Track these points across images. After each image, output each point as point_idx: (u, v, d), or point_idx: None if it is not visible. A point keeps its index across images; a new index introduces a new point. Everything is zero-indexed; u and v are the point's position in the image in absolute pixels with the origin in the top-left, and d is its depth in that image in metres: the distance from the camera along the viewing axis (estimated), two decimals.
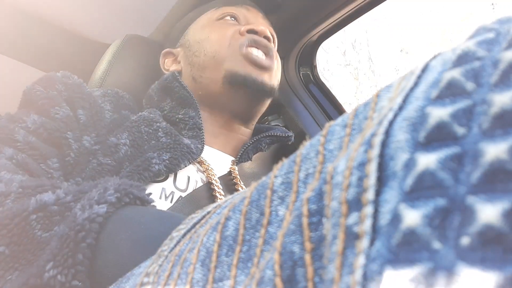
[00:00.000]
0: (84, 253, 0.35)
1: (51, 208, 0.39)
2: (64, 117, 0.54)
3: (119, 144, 0.55)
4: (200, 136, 0.63)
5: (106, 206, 0.38)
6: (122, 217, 0.38)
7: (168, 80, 0.68)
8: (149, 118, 0.62)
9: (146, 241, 0.36)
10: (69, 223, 0.37)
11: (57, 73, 0.60)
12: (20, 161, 0.48)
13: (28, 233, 0.38)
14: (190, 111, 0.65)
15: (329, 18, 0.86)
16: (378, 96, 0.20)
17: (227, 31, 0.70)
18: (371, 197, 0.15)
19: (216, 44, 0.69)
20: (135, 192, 0.41)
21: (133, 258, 0.34)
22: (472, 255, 0.12)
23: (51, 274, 0.34)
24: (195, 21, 0.78)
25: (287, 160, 0.22)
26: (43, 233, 0.38)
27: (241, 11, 0.76)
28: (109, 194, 0.39)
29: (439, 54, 0.19)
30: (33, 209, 0.39)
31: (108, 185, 0.40)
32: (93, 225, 0.36)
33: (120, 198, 0.40)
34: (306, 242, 0.17)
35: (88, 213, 0.37)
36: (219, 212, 0.25)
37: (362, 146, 0.17)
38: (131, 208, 0.40)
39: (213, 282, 0.21)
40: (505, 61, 0.15)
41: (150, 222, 0.37)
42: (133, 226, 0.37)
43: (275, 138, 0.72)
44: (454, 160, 0.14)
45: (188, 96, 0.66)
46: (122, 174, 0.52)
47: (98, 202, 0.38)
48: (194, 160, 0.59)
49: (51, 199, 0.40)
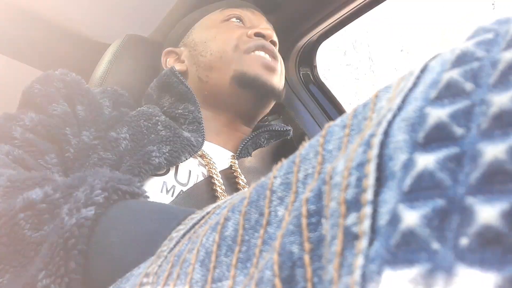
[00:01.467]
0: (76, 260, 0.34)
1: (40, 206, 0.38)
2: (62, 113, 0.55)
3: (119, 139, 0.55)
4: (200, 130, 0.63)
5: (94, 208, 0.36)
6: (111, 218, 0.37)
7: (167, 75, 0.68)
8: (148, 112, 0.62)
9: (137, 240, 0.35)
10: (57, 229, 0.36)
11: (55, 71, 0.60)
12: (17, 157, 0.48)
13: (18, 233, 0.37)
14: (190, 105, 0.65)
15: (329, 18, 0.86)
16: (377, 96, 0.20)
17: (234, 32, 0.70)
18: (370, 198, 0.15)
19: (223, 44, 0.69)
20: (124, 188, 0.40)
21: (125, 260, 0.34)
22: (471, 255, 0.12)
23: (44, 283, 0.33)
24: (199, 21, 0.78)
25: (286, 161, 0.22)
26: (33, 232, 0.37)
27: (247, 14, 0.76)
28: (96, 194, 0.37)
29: (438, 55, 0.19)
30: (20, 208, 0.37)
31: (95, 183, 0.39)
32: (82, 230, 0.35)
33: (108, 197, 0.38)
34: (305, 242, 0.17)
35: (76, 217, 0.36)
36: (218, 212, 0.25)
37: (361, 147, 0.17)
38: (120, 206, 0.39)
39: (212, 283, 0.21)
40: (504, 61, 0.15)
41: (141, 219, 0.36)
42: (123, 226, 0.36)
43: (273, 133, 0.73)
44: (453, 160, 0.14)
45: (187, 91, 0.66)
46: (123, 168, 0.52)
47: (86, 204, 0.37)
48: (194, 153, 0.59)
49: (39, 197, 0.38)
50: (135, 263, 0.30)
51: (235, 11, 0.76)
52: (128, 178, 0.42)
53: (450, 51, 0.18)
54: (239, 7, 0.78)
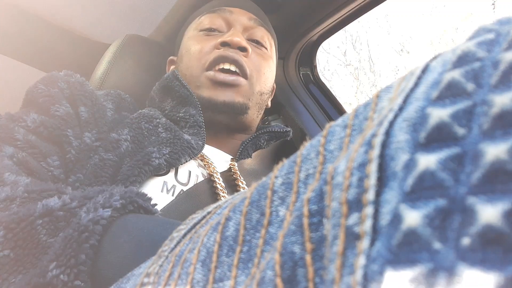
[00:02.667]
0: (87, 254, 0.36)
1: (57, 213, 0.40)
2: (64, 114, 0.55)
3: (120, 140, 0.56)
4: (201, 134, 0.63)
5: (111, 211, 0.39)
6: (125, 222, 0.39)
7: (169, 79, 0.68)
8: (149, 115, 0.62)
9: (148, 244, 0.36)
10: (73, 224, 0.38)
11: (60, 72, 0.61)
12: (21, 160, 0.48)
13: (34, 237, 0.38)
14: (191, 109, 0.65)
15: (329, 18, 0.86)
16: (378, 96, 0.20)
17: (204, 46, 0.69)
18: (371, 198, 0.15)
19: (189, 61, 0.69)
20: (140, 202, 0.42)
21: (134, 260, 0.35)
22: (472, 255, 0.12)
23: (54, 273, 0.35)
24: (187, 29, 0.77)
25: (287, 161, 0.22)
26: (48, 238, 0.39)
27: (223, 16, 0.73)
28: (115, 199, 0.40)
29: (439, 55, 0.19)
30: (39, 214, 0.39)
31: (114, 191, 0.41)
32: (96, 227, 0.37)
33: (125, 204, 0.40)
34: (307, 242, 0.17)
35: (93, 215, 0.38)
36: (220, 212, 0.25)
37: (362, 147, 0.17)
38: (135, 215, 0.41)
39: (214, 283, 0.21)
40: (505, 61, 0.15)
41: (153, 227, 0.38)
42: (136, 230, 0.38)
43: (273, 134, 0.72)
44: (454, 160, 0.14)
45: (189, 95, 0.66)
46: (123, 168, 0.53)
47: (103, 206, 0.39)
48: (194, 156, 0.59)
49: (57, 205, 0.40)
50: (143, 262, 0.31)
51: (209, 17, 0.73)
52: (145, 195, 0.44)
53: (451, 51, 0.18)
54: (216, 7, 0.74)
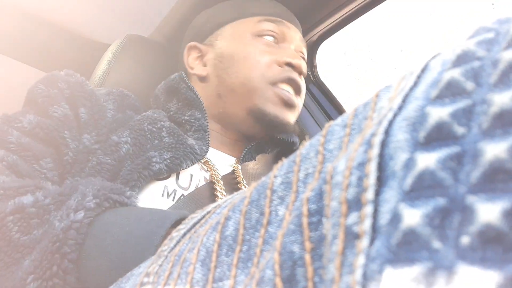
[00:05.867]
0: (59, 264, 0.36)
1: (29, 210, 0.40)
2: (61, 115, 0.54)
3: (120, 143, 0.55)
4: (205, 138, 0.62)
5: (84, 211, 0.39)
6: (105, 223, 0.39)
7: (175, 81, 0.67)
8: (153, 117, 0.61)
9: (132, 241, 0.36)
10: (48, 234, 0.38)
11: (61, 72, 0.60)
12: (11, 162, 0.48)
13: (5, 234, 0.38)
14: (197, 112, 0.64)
15: (329, 18, 0.86)
16: (378, 96, 0.20)
17: (263, 57, 0.66)
18: (370, 197, 0.15)
19: (250, 70, 0.65)
20: (114, 197, 0.42)
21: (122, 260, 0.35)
22: (472, 254, 0.12)
23: (31, 286, 0.35)
24: (231, 23, 0.72)
25: (286, 160, 0.22)
26: (21, 236, 0.39)
27: (282, 30, 0.71)
28: (88, 200, 0.40)
29: (438, 54, 0.19)
30: (10, 211, 0.39)
31: (87, 191, 0.41)
32: (69, 233, 0.37)
33: (99, 203, 0.40)
34: (306, 242, 0.17)
35: (65, 223, 0.38)
36: (219, 212, 0.25)
37: (361, 146, 0.17)
38: (112, 212, 0.41)
39: (213, 282, 0.21)
40: (504, 61, 0.15)
41: (133, 223, 0.38)
42: (117, 229, 0.38)
43: (278, 141, 0.70)
44: (453, 159, 0.14)
45: (195, 98, 0.65)
46: (123, 172, 0.52)
47: (76, 209, 0.39)
48: (197, 161, 0.59)
49: (29, 201, 0.40)
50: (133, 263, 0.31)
51: (270, 26, 0.70)
52: (119, 188, 0.44)
53: (451, 51, 0.18)
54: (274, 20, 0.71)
